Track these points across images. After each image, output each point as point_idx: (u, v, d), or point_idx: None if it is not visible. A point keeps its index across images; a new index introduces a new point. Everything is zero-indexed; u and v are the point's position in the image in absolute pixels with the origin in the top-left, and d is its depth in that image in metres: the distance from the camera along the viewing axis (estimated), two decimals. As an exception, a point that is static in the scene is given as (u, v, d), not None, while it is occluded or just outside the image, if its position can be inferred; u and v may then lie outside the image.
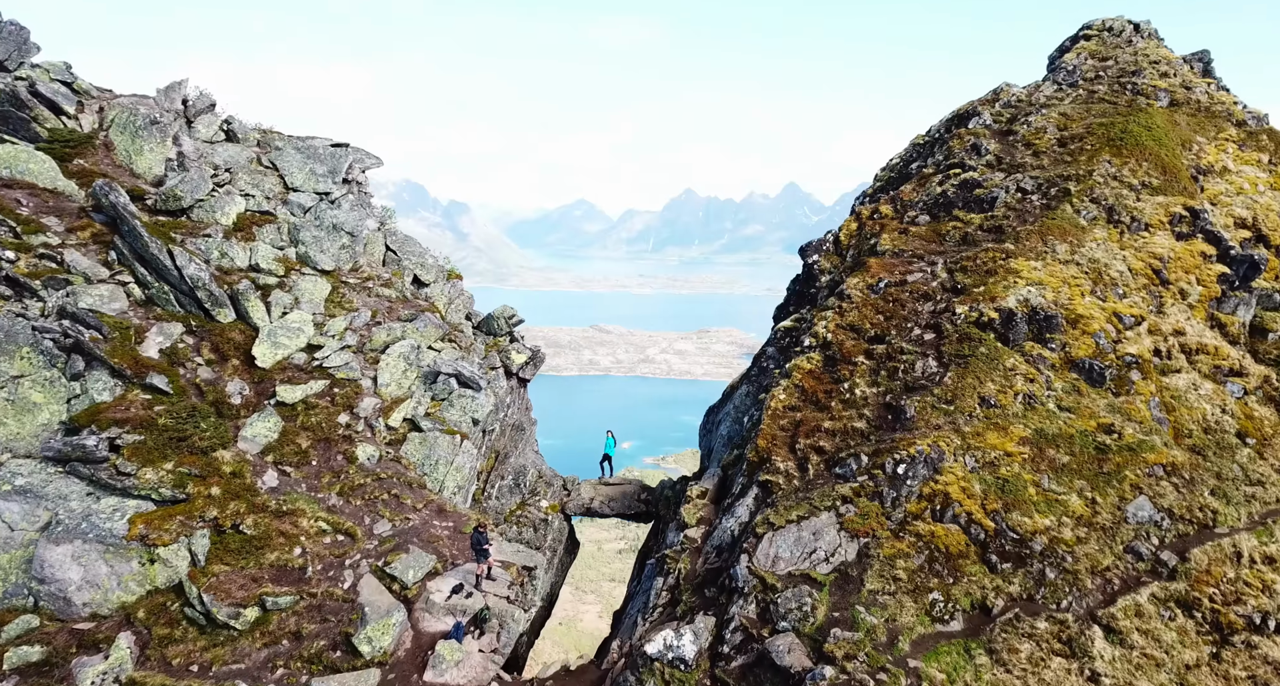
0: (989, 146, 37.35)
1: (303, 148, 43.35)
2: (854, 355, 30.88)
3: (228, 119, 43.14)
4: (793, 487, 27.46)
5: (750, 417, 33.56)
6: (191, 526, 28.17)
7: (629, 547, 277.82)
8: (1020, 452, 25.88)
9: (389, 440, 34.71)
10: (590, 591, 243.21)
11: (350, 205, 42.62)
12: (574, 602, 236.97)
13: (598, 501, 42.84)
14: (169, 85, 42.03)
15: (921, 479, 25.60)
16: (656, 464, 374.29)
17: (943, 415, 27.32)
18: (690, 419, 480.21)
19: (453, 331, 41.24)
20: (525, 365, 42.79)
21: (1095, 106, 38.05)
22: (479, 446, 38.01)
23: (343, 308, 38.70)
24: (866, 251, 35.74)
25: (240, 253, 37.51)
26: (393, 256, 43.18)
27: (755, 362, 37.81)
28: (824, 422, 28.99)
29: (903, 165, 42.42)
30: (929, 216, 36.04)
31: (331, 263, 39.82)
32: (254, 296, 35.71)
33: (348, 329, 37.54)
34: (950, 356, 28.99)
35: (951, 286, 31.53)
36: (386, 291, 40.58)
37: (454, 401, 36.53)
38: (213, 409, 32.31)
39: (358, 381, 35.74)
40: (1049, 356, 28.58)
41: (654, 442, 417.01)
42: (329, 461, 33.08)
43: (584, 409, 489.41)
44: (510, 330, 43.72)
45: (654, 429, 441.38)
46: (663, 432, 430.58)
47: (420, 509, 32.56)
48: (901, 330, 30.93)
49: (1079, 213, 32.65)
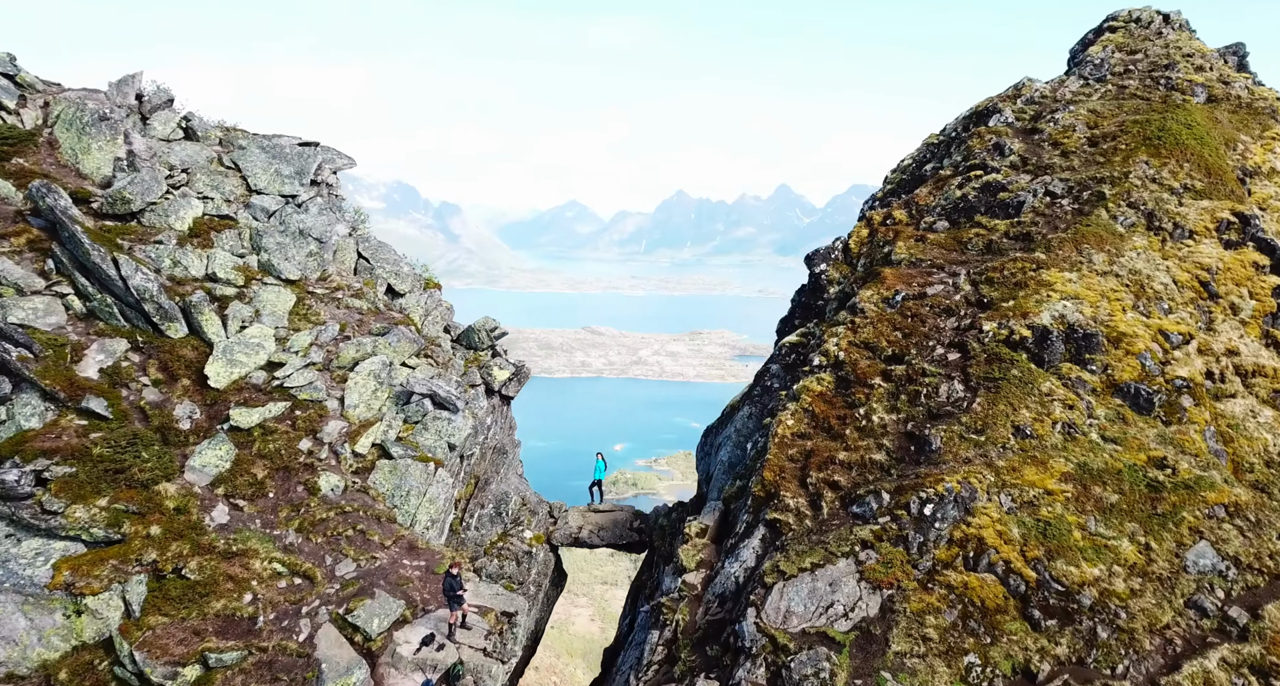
0: (1013, 146, 34.34)
1: (268, 147, 40.17)
2: (870, 376, 27.83)
3: (187, 115, 39.93)
4: (804, 528, 24.39)
5: (754, 444, 30.50)
6: (126, 571, 24.96)
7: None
8: (1062, 490, 22.85)
9: (356, 468, 31.55)
10: (583, 594, 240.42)
11: (319, 209, 39.45)
12: (566, 605, 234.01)
13: (587, 530, 39.69)
14: (122, 78, 38.81)
15: (951, 521, 22.55)
16: (649, 466, 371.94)
17: (972, 446, 24.28)
18: (682, 420, 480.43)
19: (429, 346, 38.08)
20: (509, 382, 39.63)
21: (1127, 103, 35.11)
22: (456, 474, 34.84)
23: (308, 321, 35.52)
24: (880, 260, 32.71)
25: (195, 261, 34.32)
26: (365, 264, 40.01)
27: (757, 381, 34.73)
28: (838, 453, 25.93)
29: (915, 167, 39.39)
30: (948, 222, 33.02)
31: (297, 271, 36.64)
32: (208, 309, 32.53)
33: (313, 344, 34.37)
34: (979, 379, 25.95)
35: (977, 300, 28.51)
36: (357, 303, 37.41)
37: (428, 424, 33.38)
38: (157, 435, 29.11)
39: (322, 403, 32.57)
40: (1089, 380, 25.56)
41: (646, 445, 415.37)
42: (288, 493, 29.90)
43: (576, 411, 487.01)
44: (492, 343, 40.57)
45: (646, 431, 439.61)
46: (655, 434, 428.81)
47: (389, 546, 29.40)
48: (922, 349, 27.90)
49: (1116, 218, 29.67)
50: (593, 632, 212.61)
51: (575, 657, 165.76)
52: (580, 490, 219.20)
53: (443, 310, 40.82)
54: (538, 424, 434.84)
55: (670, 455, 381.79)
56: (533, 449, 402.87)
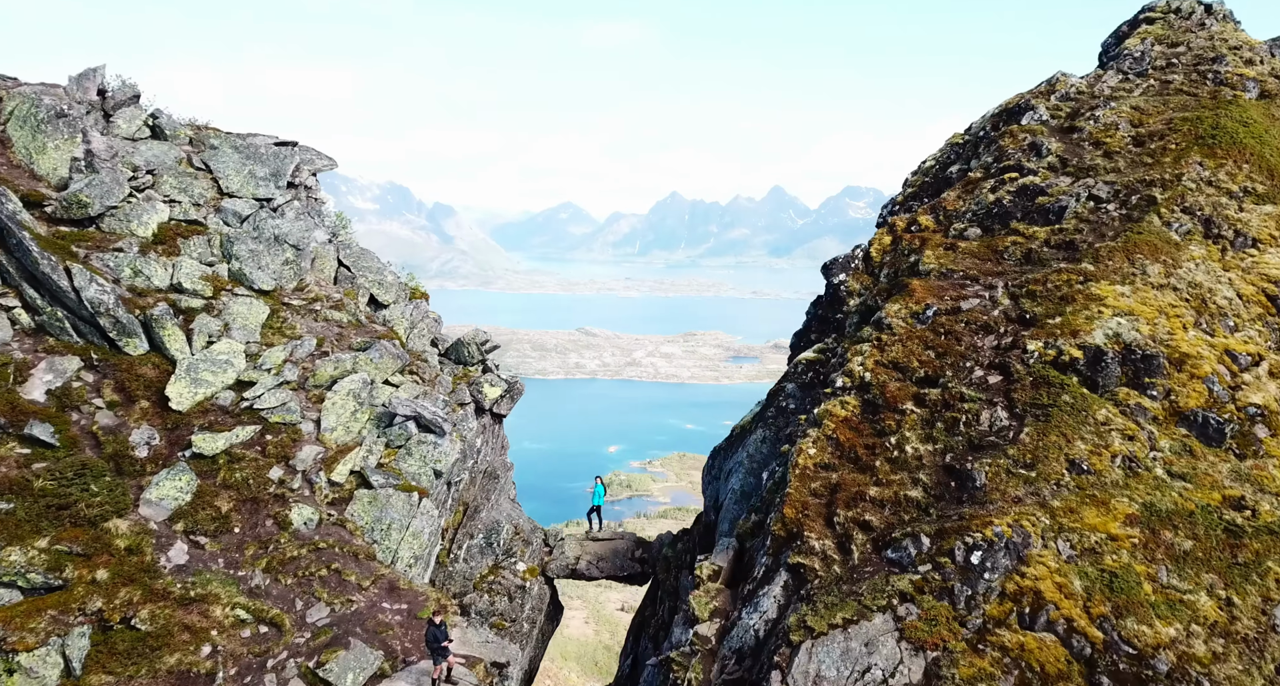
0: (1050, 146, 31.61)
1: (242, 147, 37.32)
2: (900, 401, 25.09)
3: (154, 113, 37.07)
4: (833, 575, 21.63)
5: (771, 473, 27.73)
6: (67, 623, 22.10)
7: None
8: (1128, 536, 20.13)
9: (332, 499, 28.71)
10: (577, 596, 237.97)
11: (295, 213, 36.62)
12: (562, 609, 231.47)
13: (585, 561, 36.87)
14: (83, 72, 35.93)
15: (1003, 571, 19.82)
16: (643, 468, 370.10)
17: (1022, 483, 21.55)
18: (676, 422, 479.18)
19: (414, 361, 35.25)
20: (501, 399, 36.81)
21: (1173, 99, 32.46)
22: (443, 502, 32.01)
23: (283, 334, 32.69)
24: (906, 271, 29.98)
25: (159, 270, 31.48)
26: (346, 273, 37.15)
27: (770, 401, 31.96)
28: (868, 488, 23.18)
29: (939, 169, 36.64)
30: (980, 229, 30.29)
31: (271, 281, 33.80)
32: (172, 323, 29.73)
33: (287, 361, 31.54)
34: (1025, 406, 23.23)
35: (1018, 316, 25.78)
36: (336, 315, 34.56)
37: (412, 449, 30.57)
38: (110, 465, 26.27)
39: (296, 426, 29.75)
40: (1150, 407, 22.84)
41: (640, 446, 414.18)
42: (255, 528, 27.05)
43: (571, 412, 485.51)
44: (483, 358, 37.74)
45: (640, 432, 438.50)
46: (649, 436, 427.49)
47: (367, 587, 26.57)
48: (958, 370, 25.16)
49: (1169, 225, 26.97)
50: (587, 635, 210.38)
51: (569, 661, 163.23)
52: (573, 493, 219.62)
53: (429, 322, 37.97)
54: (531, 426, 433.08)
55: (664, 456, 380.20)
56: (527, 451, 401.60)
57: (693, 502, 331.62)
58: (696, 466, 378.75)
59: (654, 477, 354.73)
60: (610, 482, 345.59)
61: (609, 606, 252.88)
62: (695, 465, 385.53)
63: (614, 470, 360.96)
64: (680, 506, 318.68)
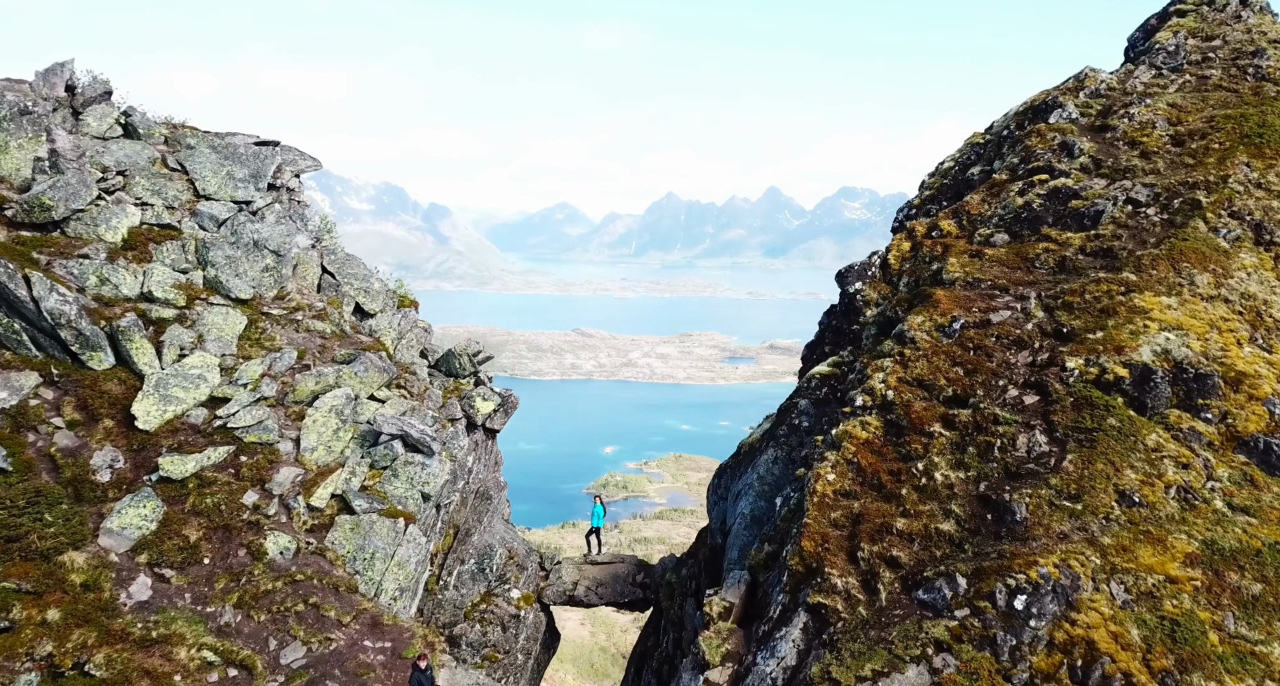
0: (1082, 145, 29.61)
1: (220, 146, 35.23)
2: (927, 422, 23.07)
3: (127, 110, 35.01)
4: (858, 618, 19.60)
5: (785, 498, 25.68)
6: (13, 670, 20.02)
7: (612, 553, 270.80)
8: (1189, 578, 18.12)
9: (311, 525, 26.63)
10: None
11: (276, 217, 34.53)
12: (556, 611, 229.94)
13: (583, 587, 34.78)
14: (50, 67, 33.84)
15: (1051, 618, 17.79)
16: (639, 469, 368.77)
17: (1067, 517, 19.53)
18: (672, 423, 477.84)
19: (402, 374, 33.19)
20: (494, 414, 34.74)
21: (1212, 95, 30.53)
22: (431, 526, 29.93)
23: (261, 347, 30.64)
24: (928, 280, 27.96)
25: (128, 278, 29.43)
26: (330, 280, 35.08)
27: (782, 418, 29.90)
28: (895, 520, 21.16)
29: (959, 170, 34.62)
30: (1008, 235, 28.26)
31: (249, 289, 31.74)
32: (140, 335, 27.68)
33: (265, 375, 29.48)
34: (1066, 430, 21.21)
35: (1054, 330, 23.76)
36: (319, 325, 32.49)
37: (398, 471, 28.50)
38: (68, 491, 24.20)
39: (274, 446, 27.68)
40: (1205, 431, 20.85)
41: (636, 447, 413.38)
42: (227, 558, 24.97)
43: (567, 413, 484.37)
44: (475, 370, 35.68)
45: (636, 433, 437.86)
46: (645, 437, 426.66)
47: (347, 623, 24.50)
48: (990, 389, 23.13)
49: (1216, 231, 24.99)
50: (583, 637, 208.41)
51: (565, 663, 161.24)
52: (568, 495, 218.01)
53: (418, 332, 35.89)
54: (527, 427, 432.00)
55: (660, 457, 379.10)
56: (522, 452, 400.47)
57: (689, 503, 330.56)
58: (693, 467, 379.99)
59: (650, 479, 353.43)
60: (606, 484, 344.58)
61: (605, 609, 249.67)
62: (692, 466, 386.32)
63: (610, 471, 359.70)
64: (676, 507, 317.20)
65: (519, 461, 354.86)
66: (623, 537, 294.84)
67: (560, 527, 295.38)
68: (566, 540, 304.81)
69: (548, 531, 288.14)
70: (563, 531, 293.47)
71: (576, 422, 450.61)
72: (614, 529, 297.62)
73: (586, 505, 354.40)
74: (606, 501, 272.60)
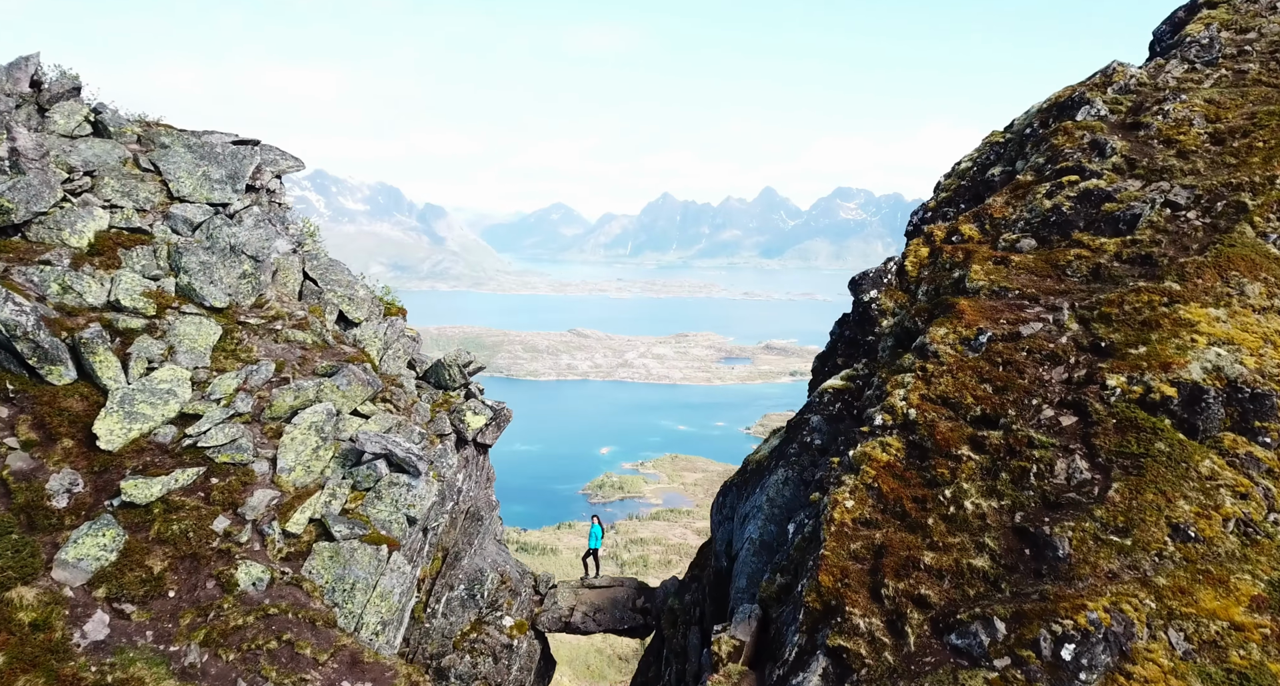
0: (1114, 144, 27.82)
1: (195, 145, 33.33)
2: (954, 444, 21.23)
3: (96, 107, 33.12)
4: (884, 665, 17.74)
5: (799, 525, 23.82)
6: (-49, 725, 18.17)
7: (607, 555, 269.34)
8: (1256, 624, 16.29)
9: (286, 554, 24.71)
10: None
11: (255, 220, 32.62)
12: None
13: (580, 613, 32.90)
14: (14, 61, 31.89)
15: (1103, 670, 15.95)
16: (635, 469, 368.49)
17: (1116, 554, 17.69)
18: (669, 423, 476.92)
19: (388, 386, 31.28)
20: (485, 428, 32.84)
21: (1251, 90, 28.74)
22: (417, 552, 28.02)
23: (237, 358, 28.74)
24: (949, 288, 26.12)
25: (94, 286, 27.53)
26: (312, 287, 33.18)
27: (792, 435, 28.03)
28: (922, 553, 19.31)
29: (977, 171, 32.77)
30: (1036, 240, 26.42)
31: (225, 297, 29.84)
32: (104, 348, 25.77)
33: (240, 389, 27.56)
34: (1110, 455, 19.38)
35: (1090, 344, 21.92)
36: (299, 335, 30.59)
37: (382, 493, 26.59)
38: (20, 519, 22.27)
39: (248, 466, 25.75)
40: (1263, 457, 19.03)
41: (632, 448, 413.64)
42: (194, 591, 23.04)
43: (563, 414, 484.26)
44: (466, 381, 33.78)
45: (632, 434, 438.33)
46: (641, 437, 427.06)
47: (324, 661, 22.57)
48: (1022, 409, 21.29)
49: (1265, 236, 23.17)
50: (571, 642, 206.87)
51: (561, 665, 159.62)
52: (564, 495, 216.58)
53: (406, 342, 33.97)
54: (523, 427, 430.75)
55: (656, 458, 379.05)
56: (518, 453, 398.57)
57: (685, 504, 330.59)
58: (689, 468, 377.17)
59: (646, 479, 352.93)
60: (602, 485, 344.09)
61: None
62: (688, 466, 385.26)
63: (606, 472, 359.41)
64: (673, 508, 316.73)
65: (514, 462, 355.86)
66: (619, 538, 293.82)
67: (556, 529, 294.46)
68: (563, 541, 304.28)
69: (544, 532, 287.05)
70: (559, 532, 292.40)
71: (572, 423, 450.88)
72: (610, 530, 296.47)
73: (583, 506, 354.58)
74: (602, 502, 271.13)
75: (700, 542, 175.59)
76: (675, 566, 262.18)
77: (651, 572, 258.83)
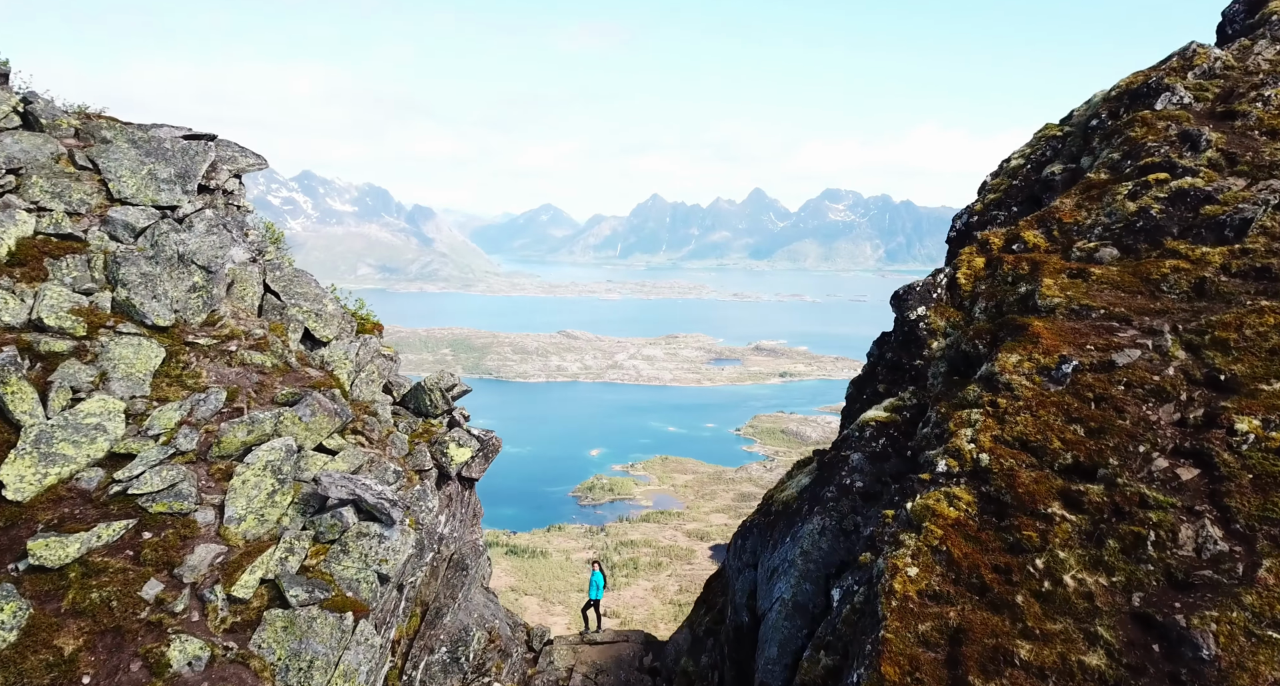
0: (1209, 136, 24.10)
1: (141, 140, 29.28)
2: (1041, 500, 17.37)
3: (27, 96, 29.08)
4: (979, 798, 13.84)
5: (846, 591, 19.85)
6: None
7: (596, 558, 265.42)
8: None
9: (232, 624, 20.66)
10: (559, 602, 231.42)
11: (208, 225, 28.57)
12: (542, 614, 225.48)
13: (580, 674, 28.91)
14: (-71, 43, 27.76)
15: None
16: (625, 471, 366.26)
17: (1277, 655, 13.83)
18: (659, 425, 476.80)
19: (360, 415, 27.30)
20: (471, 461, 28.86)
21: (1360, 75, 25.16)
22: (390, 613, 24.01)
23: (182, 386, 24.70)
24: (1014, 305, 22.28)
25: (12, 302, 23.52)
26: (274, 301, 29.13)
27: (828, 475, 24.07)
28: (1014, 644, 15.42)
29: (1031, 169, 28.89)
30: (1118, 249, 22.62)
31: (170, 315, 25.80)
32: (17, 376, 21.78)
33: (184, 423, 23.54)
34: (1250, 520, 15.56)
35: (1205, 376, 18.12)
36: (257, 357, 26.56)
37: (349, 545, 22.57)
38: (-101, 594, 18.22)
39: (189, 516, 21.73)
40: None
41: (623, 450, 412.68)
42: (115, 676, 18.98)
43: (552, 416, 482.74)
44: (449, 408, 29.80)
45: (623, 435, 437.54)
46: (631, 439, 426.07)
47: (275, 763, 18.60)
48: (1126, 457, 17.45)
49: (1407, 245, 19.51)
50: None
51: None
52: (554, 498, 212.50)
53: (381, 363, 29.93)
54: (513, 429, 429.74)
55: (647, 460, 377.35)
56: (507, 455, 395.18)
57: (675, 506, 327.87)
58: (679, 469, 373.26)
59: (636, 481, 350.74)
60: (593, 486, 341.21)
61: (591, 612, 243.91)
62: (678, 468, 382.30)
63: (596, 474, 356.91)
64: (663, 510, 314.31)
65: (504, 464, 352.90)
66: (609, 541, 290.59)
67: (546, 531, 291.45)
68: (552, 544, 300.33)
69: (533, 535, 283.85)
70: (548, 535, 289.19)
71: (562, 425, 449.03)
72: (600, 533, 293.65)
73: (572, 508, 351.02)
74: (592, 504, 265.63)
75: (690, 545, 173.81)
76: (665, 568, 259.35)
77: (642, 576, 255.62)
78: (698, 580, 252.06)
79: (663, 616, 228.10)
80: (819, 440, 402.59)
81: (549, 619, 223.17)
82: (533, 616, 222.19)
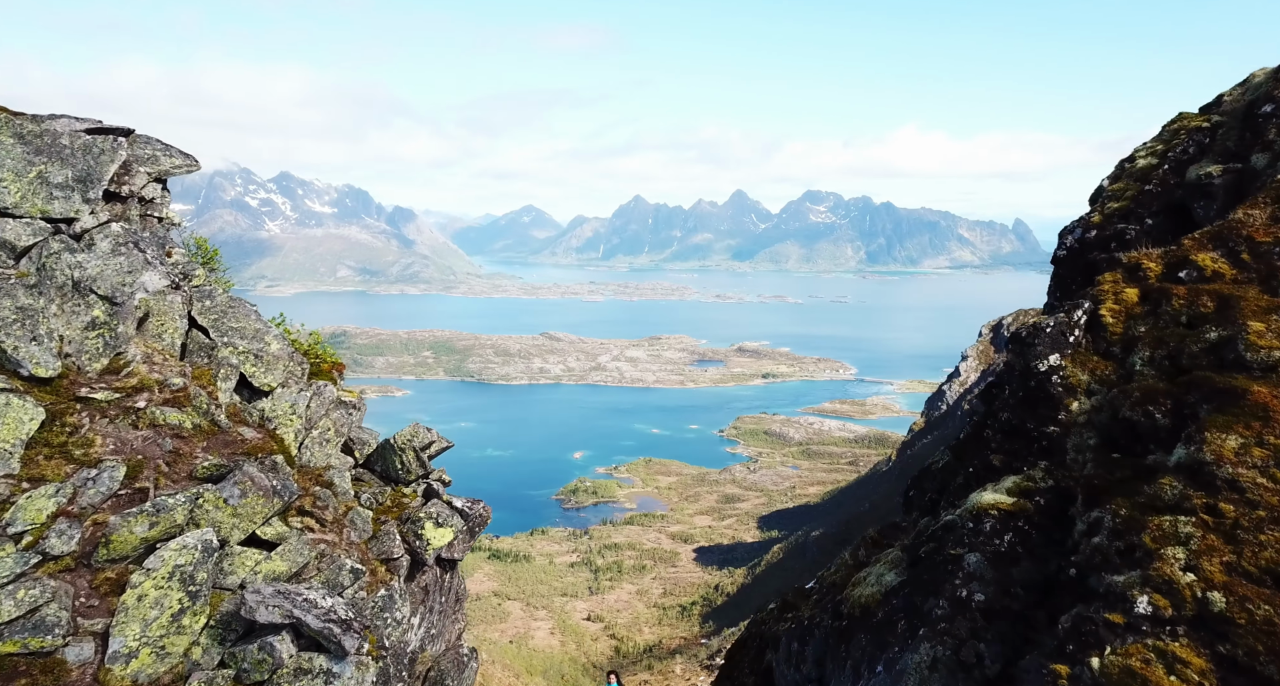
0: None
1: (31, 135, 22.75)
2: (1320, 673, 11.35)
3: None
4: None
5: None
6: None
7: (581, 561, 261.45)
8: None
9: None
10: (542, 607, 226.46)
11: (114, 243, 22.10)
12: (525, 619, 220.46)
13: None
14: None
15: None
16: (609, 473, 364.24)
17: None
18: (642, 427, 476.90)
19: (309, 488, 20.99)
20: (454, 542, 22.53)
21: None
22: (343, 781, 17.75)
23: (67, 458, 18.32)
24: (1202, 357, 16.24)
25: None
26: (201, 340, 22.70)
27: (930, 580, 17.92)
28: None
29: (1171, 170, 22.76)
30: (1347, 279, 16.74)
31: (55, 362, 19.39)
32: None
33: (62, 513, 17.19)
34: None
35: None
36: (174, 415, 20.16)
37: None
38: None
39: (56, 654, 15.43)
40: None
41: (606, 452, 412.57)
42: None
43: (535, 418, 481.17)
44: (426, 471, 23.53)
45: (606, 438, 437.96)
46: (614, 441, 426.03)
47: None
48: None
49: None
50: (553, 647, 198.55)
51: (535, 676, 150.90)
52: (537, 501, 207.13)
53: (340, 415, 23.48)
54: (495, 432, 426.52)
55: (630, 462, 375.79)
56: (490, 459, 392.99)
57: (659, 508, 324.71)
58: (663, 471, 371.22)
59: (620, 484, 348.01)
60: (576, 489, 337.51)
61: (575, 615, 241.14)
62: (662, 470, 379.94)
63: (579, 476, 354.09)
64: (647, 512, 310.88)
65: (487, 468, 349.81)
66: (593, 544, 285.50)
67: (529, 535, 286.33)
68: (535, 547, 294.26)
69: (516, 539, 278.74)
70: (531, 539, 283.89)
71: (545, 428, 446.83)
72: (584, 536, 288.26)
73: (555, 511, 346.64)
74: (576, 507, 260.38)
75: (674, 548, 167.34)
76: (650, 571, 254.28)
77: (626, 579, 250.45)
78: (682, 583, 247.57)
79: (647, 620, 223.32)
80: (802, 441, 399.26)
81: (532, 624, 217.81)
82: (516, 621, 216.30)
